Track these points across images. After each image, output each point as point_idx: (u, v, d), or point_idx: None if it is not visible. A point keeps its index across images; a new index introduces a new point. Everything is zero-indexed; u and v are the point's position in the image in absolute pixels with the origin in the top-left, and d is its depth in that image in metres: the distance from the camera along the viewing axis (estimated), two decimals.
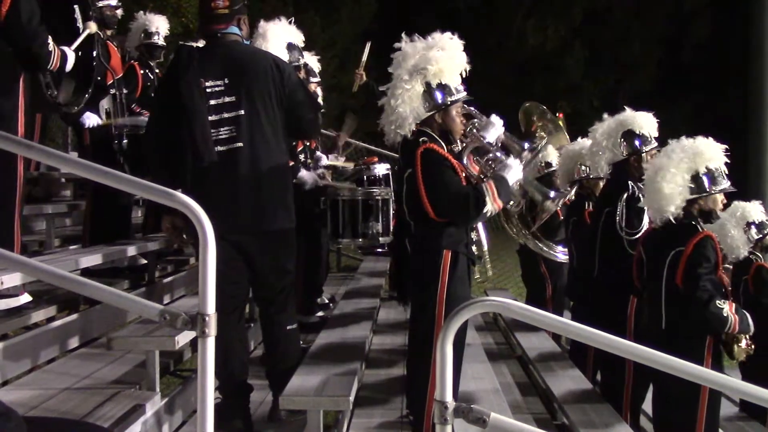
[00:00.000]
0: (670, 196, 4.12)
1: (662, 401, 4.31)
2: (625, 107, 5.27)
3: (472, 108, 4.32)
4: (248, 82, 3.78)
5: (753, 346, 4.17)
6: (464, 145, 3.92)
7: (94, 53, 4.08)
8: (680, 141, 4.30)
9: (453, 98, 3.77)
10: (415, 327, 3.87)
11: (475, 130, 3.93)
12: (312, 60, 6.03)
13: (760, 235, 5.75)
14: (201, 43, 3.99)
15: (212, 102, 3.73)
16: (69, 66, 3.95)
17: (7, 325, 3.99)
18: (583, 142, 5.99)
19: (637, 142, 5.05)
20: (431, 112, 3.73)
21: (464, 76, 3.86)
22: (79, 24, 3.98)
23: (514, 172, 3.79)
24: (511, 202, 4.03)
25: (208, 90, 3.73)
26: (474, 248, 3.94)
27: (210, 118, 3.72)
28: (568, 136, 7.06)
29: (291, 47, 5.03)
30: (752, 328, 4.15)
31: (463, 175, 3.68)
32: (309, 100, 3.98)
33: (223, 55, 3.82)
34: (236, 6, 3.86)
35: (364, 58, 6.40)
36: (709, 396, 4.04)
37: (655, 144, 5.02)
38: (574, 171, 6.25)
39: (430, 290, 3.64)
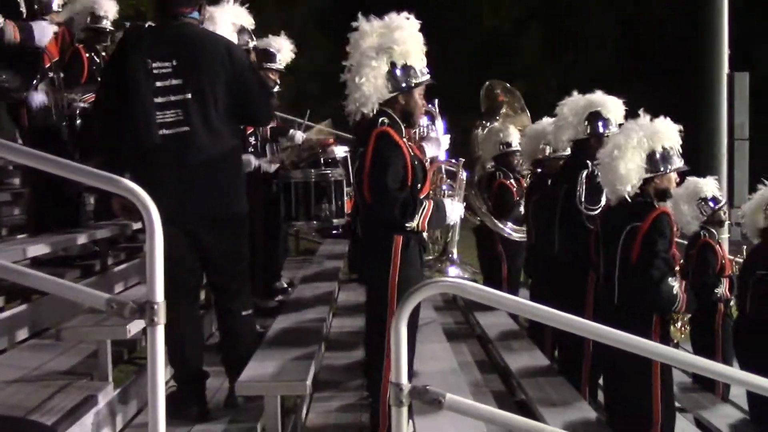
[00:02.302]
0: (627, 175, 4.14)
1: (615, 379, 4.37)
2: (595, 90, 5.30)
3: (434, 107, 4.32)
4: (196, 65, 3.68)
5: (687, 328, 4.25)
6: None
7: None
8: (637, 120, 4.33)
9: (418, 81, 3.73)
10: (369, 310, 3.86)
11: (418, 135, 3.96)
12: (283, 43, 5.91)
13: (712, 210, 5.87)
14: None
15: (158, 84, 3.63)
16: (46, 39, 3.82)
17: None
18: (547, 122, 6.02)
19: (600, 125, 5.09)
20: (394, 93, 3.68)
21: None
22: (23, 9, 3.86)
23: (454, 215, 3.89)
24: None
25: (154, 71, 3.62)
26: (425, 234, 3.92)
27: (156, 100, 3.61)
28: (530, 117, 7.11)
29: (240, 30, 4.93)
30: (694, 308, 4.24)
31: (411, 156, 3.64)
32: (260, 85, 3.90)
33: (173, 36, 3.72)
34: None
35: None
36: (661, 371, 4.09)
37: (616, 130, 5.06)
38: (537, 150, 6.28)
39: (382, 274, 3.62)
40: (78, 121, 5.35)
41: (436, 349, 4.83)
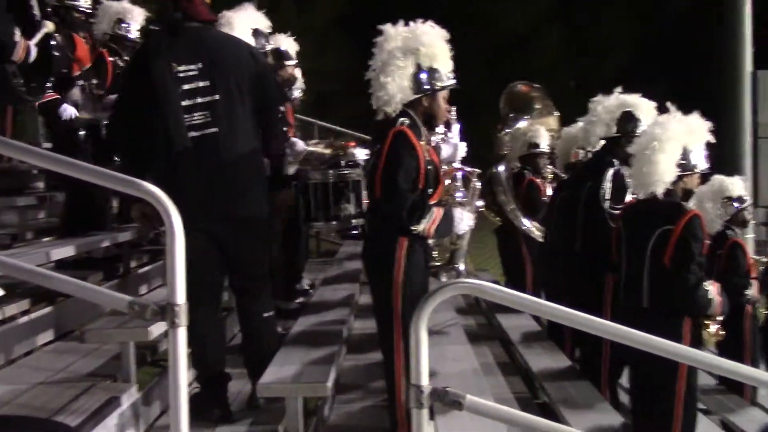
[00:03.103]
0: (664, 171, 4.04)
1: (639, 379, 4.32)
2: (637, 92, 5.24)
3: (453, 115, 4.31)
4: (223, 67, 3.73)
5: (722, 333, 4.16)
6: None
7: (53, 42, 4.00)
8: (671, 115, 4.23)
9: (443, 84, 3.71)
10: (375, 312, 3.85)
11: (435, 140, 3.95)
12: (289, 42, 5.95)
13: (736, 209, 5.81)
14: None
15: (185, 87, 3.67)
16: (31, 58, 3.89)
17: None
18: (581, 126, 5.97)
19: (631, 126, 5.02)
20: (419, 95, 3.68)
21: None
22: (37, 16, 3.89)
23: (462, 224, 3.86)
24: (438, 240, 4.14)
25: (180, 74, 3.66)
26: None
27: (183, 103, 3.65)
28: (558, 120, 7.05)
29: (257, 33, 4.96)
30: (728, 310, 4.16)
31: (426, 161, 3.62)
32: (277, 91, 3.96)
33: (196, 39, 3.77)
34: None
35: None
36: (688, 373, 4.04)
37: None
38: (570, 154, 6.24)
39: (385, 275, 3.60)
40: (81, 132, 5.41)
41: (458, 351, 4.82)
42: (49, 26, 4.00)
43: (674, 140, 4.06)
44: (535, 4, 25.24)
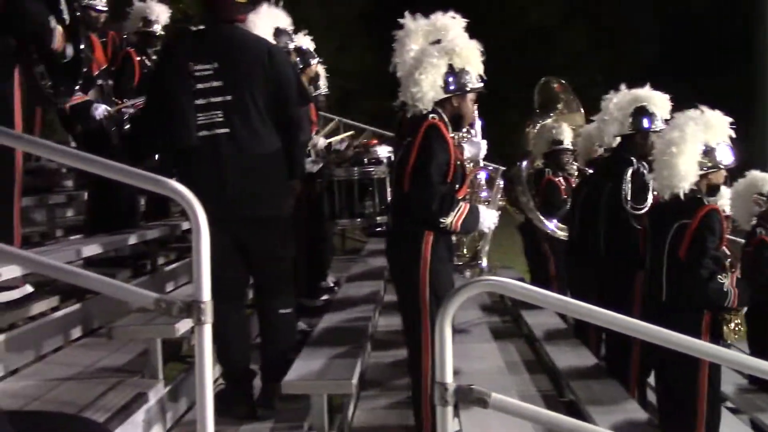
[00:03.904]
0: (686, 172, 4.03)
1: (664, 377, 4.29)
2: (648, 83, 5.17)
3: (476, 114, 4.32)
4: (237, 67, 3.73)
5: (742, 329, 4.13)
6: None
7: (81, 45, 4.01)
8: (687, 113, 4.21)
9: (474, 86, 3.74)
10: (401, 308, 3.84)
11: (458, 137, 3.96)
12: (306, 40, 5.96)
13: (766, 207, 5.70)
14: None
15: (199, 86, 3.68)
16: (68, 56, 3.89)
17: (11, 316, 3.98)
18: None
19: (645, 121, 4.96)
20: (449, 95, 3.70)
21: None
22: (65, 16, 3.88)
23: (487, 221, 3.85)
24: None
25: (196, 74, 3.67)
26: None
27: (196, 102, 3.66)
28: (584, 116, 6.99)
29: (279, 32, 4.97)
30: (747, 302, 4.11)
31: (455, 159, 3.63)
32: (298, 90, 3.92)
33: (217, 39, 3.78)
34: None
35: None
36: (710, 370, 4.01)
37: (662, 126, 4.94)
38: (591, 150, 6.19)
39: (413, 270, 3.60)
40: (126, 126, 5.46)
41: (483, 349, 4.81)
42: (58, 29, 4.01)
43: (691, 142, 4.06)
44: None
